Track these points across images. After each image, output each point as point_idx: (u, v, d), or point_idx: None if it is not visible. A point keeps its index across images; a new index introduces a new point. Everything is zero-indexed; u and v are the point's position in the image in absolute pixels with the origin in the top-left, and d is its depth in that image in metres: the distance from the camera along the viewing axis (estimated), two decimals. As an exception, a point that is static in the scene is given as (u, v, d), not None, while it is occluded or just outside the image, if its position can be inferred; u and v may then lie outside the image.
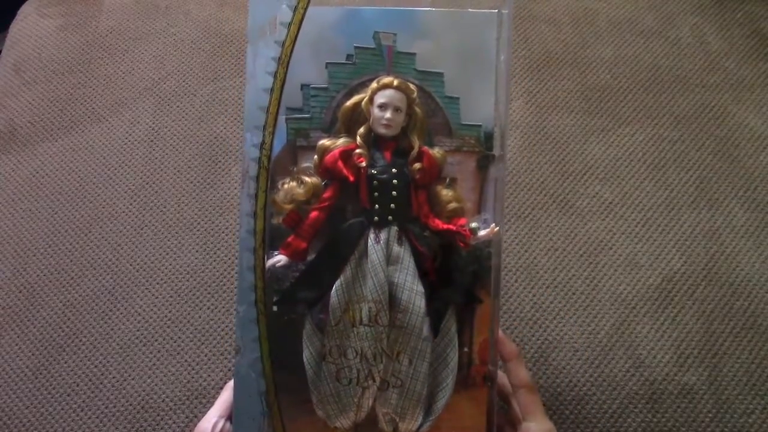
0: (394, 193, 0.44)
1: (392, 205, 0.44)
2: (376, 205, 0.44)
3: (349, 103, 0.45)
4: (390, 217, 0.44)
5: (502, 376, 0.48)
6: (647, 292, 0.60)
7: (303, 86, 0.44)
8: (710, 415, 0.56)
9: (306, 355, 0.44)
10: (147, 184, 0.67)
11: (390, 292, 0.44)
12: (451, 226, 0.44)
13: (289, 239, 0.44)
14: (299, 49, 0.44)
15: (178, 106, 0.72)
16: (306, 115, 0.45)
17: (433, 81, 0.45)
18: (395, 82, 0.44)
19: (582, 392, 0.56)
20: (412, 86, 0.45)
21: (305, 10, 0.44)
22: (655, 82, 0.72)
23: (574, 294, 0.60)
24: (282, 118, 0.44)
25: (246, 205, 0.43)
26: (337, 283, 0.44)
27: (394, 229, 0.44)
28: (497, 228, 0.44)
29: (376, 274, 0.44)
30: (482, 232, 0.44)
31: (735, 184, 0.66)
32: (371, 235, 0.44)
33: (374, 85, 0.45)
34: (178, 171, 0.68)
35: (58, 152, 0.70)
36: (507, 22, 0.44)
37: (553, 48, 0.74)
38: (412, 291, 0.44)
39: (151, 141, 0.70)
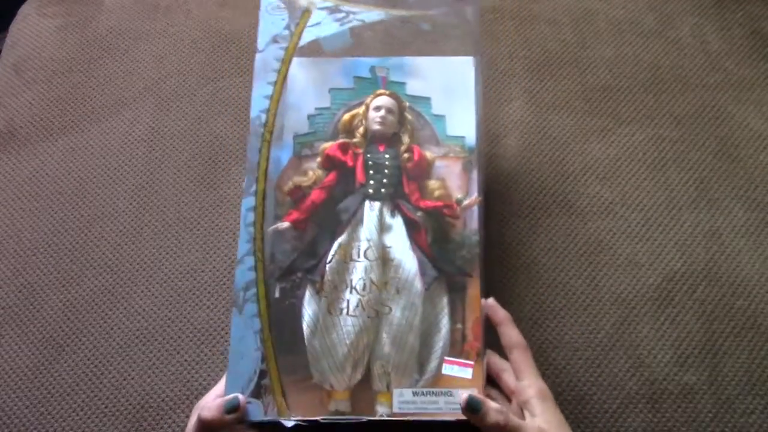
0: (386, 171, 0.50)
1: (385, 181, 0.50)
2: (371, 181, 0.50)
3: (348, 114, 0.53)
4: (383, 191, 0.50)
5: (493, 355, 0.50)
6: (647, 292, 0.60)
7: (309, 116, 0.53)
8: (710, 415, 0.56)
9: (305, 317, 0.47)
10: (147, 183, 0.67)
11: (383, 254, 0.49)
12: (438, 203, 0.50)
13: (292, 210, 0.50)
14: (306, 87, 0.53)
15: (178, 106, 0.72)
16: (310, 131, 0.52)
17: (422, 103, 0.53)
18: (388, 92, 0.53)
19: (582, 392, 0.56)
20: (403, 98, 0.53)
21: (305, 25, 0.54)
22: (655, 82, 0.72)
23: (574, 294, 0.60)
24: (289, 137, 0.52)
25: (250, 173, 0.51)
26: (335, 244, 0.49)
27: (387, 201, 0.50)
28: (480, 198, 0.50)
29: (370, 232, 0.49)
30: (466, 201, 0.50)
31: (735, 184, 0.66)
32: (366, 205, 0.50)
33: (370, 97, 0.53)
34: (178, 171, 0.68)
35: (58, 152, 0.70)
36: (481, 65, 0.54)
37: (553, 48, 0.74)
38: (404, 252, 0.49)
39: (151, 141, 0.70)
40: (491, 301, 0.49)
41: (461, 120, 0.52)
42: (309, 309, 0.48)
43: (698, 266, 0.62)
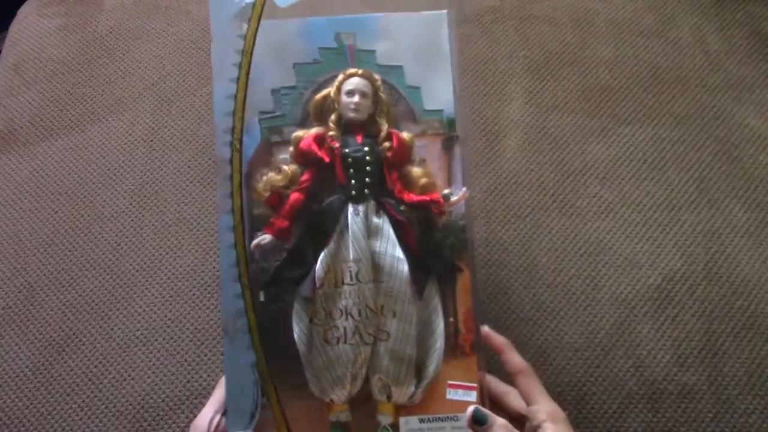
0: (368, 168, 0.47)
1: (367, 180, 0.47)
2: (353, 181, 0.47)
3: (318, 96, 0.48)
4: (366, 191, 0.47)
5: (493, 379, 0.49)
6: (647, 292, 0.60)
7: (273, 91, 0.47)
8: (710, 415, 0.56)
9: (297, 332, 0.45)
10: (147, 183, 0.67)
11: (372, 260, 0.46)
12: (424, 197, 0.47)
13: (272, 219, 0.46)
14: (266, 59, 0.47)
15: (178, 106, 0.72)
16: (278, 114, 0.48)
17: (394, 73, 0.48)
18: (360, 71, 0.48)
19: (582, 392, 0.56)
20: (375, 75, 0.48)
21: (263, 6, 0.47)
22: (655, 82, 0.72)
23: (574, 294, 0.60)
24: (254, 120, 0.47)
25: (222, 187, 0.46)
26: (322, 255, 0.46)
27: (372, 202, 0.47)
28: (468, 192, 0.47)
29: (358, 242, 0.46)
30: (454, 197, 0.47)
31: (735, 184, 0.66)
32: (350, 209, 0.46)
33: (341, 76, 0.48)
34: (178, 171, 0.68)
35: (58, 152, 0.70)
36: (453, 19, 0.49)
37: (553, 48, 0.74)
38: (394, 257, 0.46)
39: (151, 141, 0.70)
40: (486, 329, 0.48)
41: (438, 90, 0.48)
42: (300, 324, 0.45)
43: (698, 266, 0.62)
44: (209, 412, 0.47)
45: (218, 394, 0.47)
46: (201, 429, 0.46)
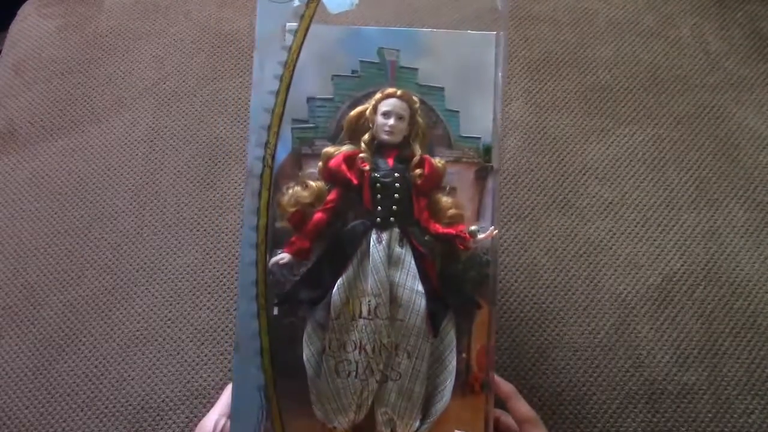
0: (396, 195, 0.45)
1: (394, 207, 0.45)
2: (379, 207, 0.45)
3: (354, 112, 0.46)
4: (392, 219, 0.45)
5: (506, 415, 0.49)
6: (647, 292, 0.60)
7: (309, 99, 0.46)
8: (710, 415, 0.56)
9: (306, 354, 0.44)
10: (147, 184, 0.67)
11: (391, 291, 0.45)
12: (450, 230, 0.45)
13: (293, 238, 0.45)
14: (306, 65, 0.46)
15: (178, 106, 0.72)
16: (311, 125, 0.46)
17: (434, 95, 0.47)
18: (399, 92, 0.46)
19: (582, 392, 0.56)
20: (414, 97, 0.46)
21: (311, 18, 0.46)
22: (655, 82, 0.72)
23: (574, 294, 0.60)
24: (288, 128, 0.45)
25: (249, 202, 0.44)
26: (339, 281, 0.44)
27: (396, 230, 0.45)
28: (496, 231, 0.45)
29: (377, 272, 0.45)
30: (481, 235, 0.45)
31: (735, 184, 0.66)
32: (373, 236, 0.45)
33: (378, 95, 0.46)
34: (178, 171, 0.68)
35: (58, 152, 0.70)
36: (504, 42, 0.47)
37: (553, 48, 0.74)
38: (413, 291, 0.45)
39: (151, 141, 0.70)
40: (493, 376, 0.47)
41: (477, 116, 0.46)
42: (311, 347, 0.45)
43: (698, 266, 0.62)
44: (215, 415, 0.47)
45: (224, 399, 0.47)
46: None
